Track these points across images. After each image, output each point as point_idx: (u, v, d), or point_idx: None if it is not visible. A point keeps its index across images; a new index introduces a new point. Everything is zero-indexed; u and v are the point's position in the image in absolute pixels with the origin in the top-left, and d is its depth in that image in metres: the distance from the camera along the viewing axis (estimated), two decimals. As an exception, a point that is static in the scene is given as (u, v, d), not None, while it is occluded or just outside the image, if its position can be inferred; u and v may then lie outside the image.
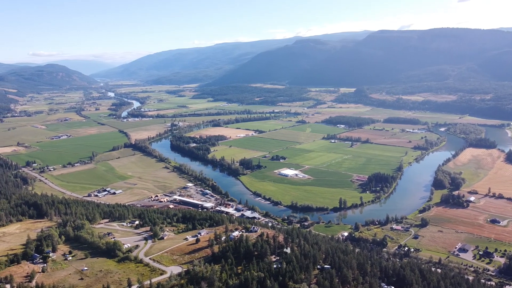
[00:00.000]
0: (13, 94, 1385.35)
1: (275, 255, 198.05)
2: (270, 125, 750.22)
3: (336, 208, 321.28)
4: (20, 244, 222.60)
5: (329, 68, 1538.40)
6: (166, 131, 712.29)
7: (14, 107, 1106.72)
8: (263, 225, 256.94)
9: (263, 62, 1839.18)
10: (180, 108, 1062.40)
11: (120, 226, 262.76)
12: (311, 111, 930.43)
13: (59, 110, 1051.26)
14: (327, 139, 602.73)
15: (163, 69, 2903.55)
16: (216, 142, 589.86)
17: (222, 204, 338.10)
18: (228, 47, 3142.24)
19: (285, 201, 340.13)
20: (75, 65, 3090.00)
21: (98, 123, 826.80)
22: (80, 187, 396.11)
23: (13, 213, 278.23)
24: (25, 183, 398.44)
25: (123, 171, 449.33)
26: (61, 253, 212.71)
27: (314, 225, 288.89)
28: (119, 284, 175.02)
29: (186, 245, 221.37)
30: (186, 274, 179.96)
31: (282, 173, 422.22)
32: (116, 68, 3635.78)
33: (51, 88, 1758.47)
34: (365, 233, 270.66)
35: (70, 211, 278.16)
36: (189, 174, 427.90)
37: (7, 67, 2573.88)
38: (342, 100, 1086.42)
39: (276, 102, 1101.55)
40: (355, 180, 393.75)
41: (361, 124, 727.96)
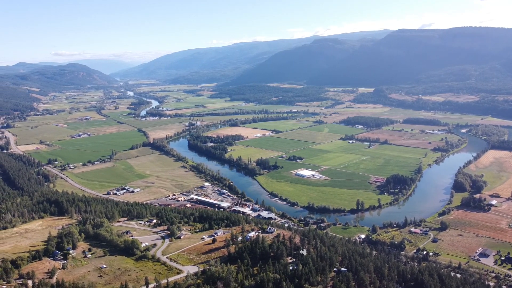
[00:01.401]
0: (36, 93, 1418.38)
1: (291, 256, 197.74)
2: (287, 125, 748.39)
3: (353, 210, 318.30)
4: (42, 240, 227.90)
5: (348, 68, 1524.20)
6: (184, 130, 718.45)
7: (37, 106, 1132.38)
8: (279, 226, 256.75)
9: (280, 62, 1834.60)
10: (197, 107, 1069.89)
11: (138, 225, 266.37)
12: (329, 111, 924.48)
13: (80, 109, 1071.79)
14: (345, 140, 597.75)
15: (181, 68, 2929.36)
16: (233, 141, 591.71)
17: (239, 204, 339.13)
18: (245, 47, 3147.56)
19: (301, 202, 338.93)
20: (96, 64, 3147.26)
21: (117, 122, 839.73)
22: (100, 185, 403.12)
23: (35, 210, 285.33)
24: (47, 181, 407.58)
25: (142, 170, 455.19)
26: (81, 250, 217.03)
27: (330, 226, 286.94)
28: (137, 282, 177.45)
29: (202, 244, 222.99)
30: (203, 274, 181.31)
31: (299, 173, 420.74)
32: (136, 68, 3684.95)
33: (72, 87, 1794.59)
34: (383, 235, 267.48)
35: (90, 209, 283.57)
36: (206, 173, 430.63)
37: (30, 67, 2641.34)
38: (361, 100, 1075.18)
39: (294, 102, 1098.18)
40: (373, 181, 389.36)
41: (380, 124, 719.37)
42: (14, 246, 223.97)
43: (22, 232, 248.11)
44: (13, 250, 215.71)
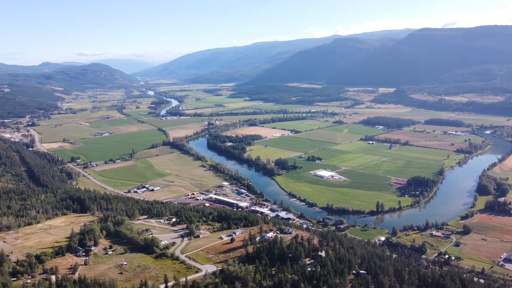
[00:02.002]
0: (60, 92, 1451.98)
1: (310, 258, 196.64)
2: (307, 125, 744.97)
3: (373, 212, 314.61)
4: (65, 237, 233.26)
5: (368, 68, 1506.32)
6: (203, 130, 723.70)
7: (60, 105, 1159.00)
8: (297, 227, 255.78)
9: (300, 61, 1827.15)
10: (217, 107, 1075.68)
11: (157, 223, 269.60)
12: (348, 112, 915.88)
13: (102, 108, 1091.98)
14: (365, 141, 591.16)
15: (201, 68, 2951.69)
16: (252, 141, 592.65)
17: (257, 204, 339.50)
18: (265, 46, 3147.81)
19: (320, 203, 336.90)
20: (117, 64, 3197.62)
21: (138, 121, 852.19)
22: (121, 183, 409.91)
23: (58, 207, 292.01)
24: (70, 178, 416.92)
25: (161, 169, 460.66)
26: (102, 247, 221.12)
27: (349, 228, 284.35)
28: (156, 280, 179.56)
29: (221, 244, 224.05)
30: (221, 273, 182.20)
31: (318, 174, 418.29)
32: (156, 67, 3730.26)
33: (94, 87, 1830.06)
34: (403, 238, 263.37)
35: (111, 206, 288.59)
36: (225, 173, 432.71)
37: (55, 66, 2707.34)
38: (381, 101, 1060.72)
39: (313, 102, 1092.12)
40: (393, 183, 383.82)
41: (401, 125, 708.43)
42: (38, 241, 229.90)
43: (46, 228, 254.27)
44: (37, 246, 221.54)
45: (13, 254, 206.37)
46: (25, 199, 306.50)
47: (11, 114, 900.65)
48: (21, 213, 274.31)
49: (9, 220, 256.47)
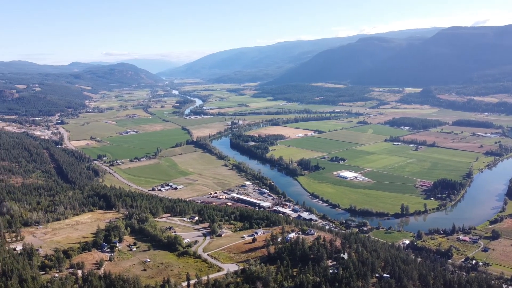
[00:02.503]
0: (88, 91, 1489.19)
1: (332, 259, 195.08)
2: (330, 125, 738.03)
3: (397, 214, 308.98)
4: (91, 233, 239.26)
5: (394, 67, 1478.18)
6: (226, 129, 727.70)
7: (88, 104, 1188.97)
8: (320, 228, 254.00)
9: (324, 61, 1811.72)
10: (240, 106, 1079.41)
11: (180, 221, 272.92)
12: (373, 112, 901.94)
13: (127, 107, 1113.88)
14: (390, 141, 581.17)
15: (224, 67, 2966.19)
16: (275, 141, 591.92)
17: (279, 204, 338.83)
18: (289, 46, 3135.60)
19: (343, 204, 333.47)
20: (143, 64, 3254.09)
21: (163, 120, 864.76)
22: (145, 181, 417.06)
23: (85, 203, 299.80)
24: (96, 175, 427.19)
25: (185, 167, 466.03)
26: (126, 243, 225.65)
27: (373, 230, 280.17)
28: (179, 277, 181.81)
29: (242, 243, 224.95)
30: (242, 273, 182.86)
31: (341, 175, 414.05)
32: (181, 67, 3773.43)
33: (121, 86, 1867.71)
34: (429, 242, 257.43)
35: (136, 204, 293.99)
36: (248, 172, 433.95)
37: (83, 66, 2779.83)
38: (407, 101, 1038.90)
39: (337, 102, 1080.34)
40: (419, 185, 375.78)
41: (427, 126, 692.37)
42: (66, 237, 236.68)
43: (73, 224, 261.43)
44: (65, 241, 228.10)
45: (42, 249, 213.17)
46: (54, 195, 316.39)
47: (41, 113, 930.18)
48: (50, 208, 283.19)
49: (39, 215, 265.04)
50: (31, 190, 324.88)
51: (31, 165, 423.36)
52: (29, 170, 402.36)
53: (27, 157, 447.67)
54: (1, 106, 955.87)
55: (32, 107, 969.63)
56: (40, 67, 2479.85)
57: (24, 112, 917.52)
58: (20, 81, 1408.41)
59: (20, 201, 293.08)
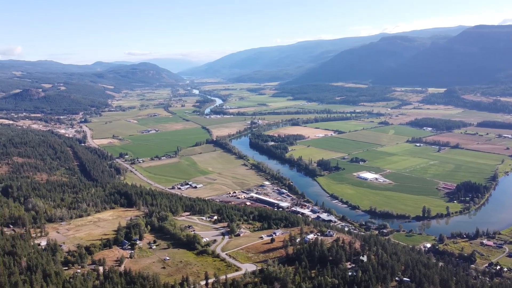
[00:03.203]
0: (111, 90, 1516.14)
1: (351, 262, 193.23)
2: (351, 125, 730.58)
3: (418, 217, 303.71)
4: (112, 230, 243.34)
5: (417, 67, 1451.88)
6: (246, 129, 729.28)
7: (111, 102, 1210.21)
8: (339, 230, 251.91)
9: (345, 60, 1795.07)
10: (260, 106, 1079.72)
11: (199, 220, 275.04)
12: (395, 112, 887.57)
13: (149, 106, 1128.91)
14: (412, 143, 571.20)
15: (244, 67, 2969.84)
16: (294, 141, 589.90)
17: (298, 204, 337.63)
18: (309, 45, 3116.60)
19: (363, 206, 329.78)
20: (164, 63, 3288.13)
21: (183, 119, 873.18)
22: (165, 179, 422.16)
23: (107, 201, 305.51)
24: (118, 173, 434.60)
25: (204, 166, 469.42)
26: (146, 241, 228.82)
27: (393, 233, 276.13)
28: (197, 276, 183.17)
29: (261, 243, 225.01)
30: (260, 273, 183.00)
31: (361, 176, 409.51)
32: (201, 66, 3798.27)
33: (142, 85, 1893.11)
34: (451, 246, 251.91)
35: (156, 202, 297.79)
36: (267, 172, 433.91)
37: (106, 66, 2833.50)
38: (430, 101, 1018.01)
39: (358, 102, 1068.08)
40: (441, 188, 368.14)
41: (451, 127, 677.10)
42: (88, 233, 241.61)
43: (95, 221, 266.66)
44: (87, 237, 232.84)
45: (65, 245, 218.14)
46: (77, 192, 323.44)
47: (66, 111, 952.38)
48: (73, 205, 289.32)
49: (62, 212, 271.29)
50: (55, 187, 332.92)
51: (55, 162, 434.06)
52: (54, 167, 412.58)
53: (52, 154, 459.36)
54: (28, 105, 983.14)
55: (57, 106, 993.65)
56: (65, 67, 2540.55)
57: (49, 111, 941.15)
58: (46, 80, 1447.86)
59: (45, 197, 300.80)
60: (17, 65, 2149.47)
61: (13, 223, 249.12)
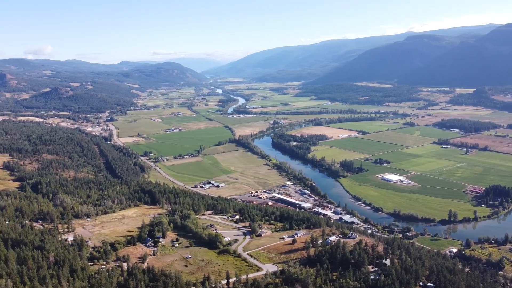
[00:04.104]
0: (136, 89, 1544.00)
1: (373, 265, 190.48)
2: (375, 126, 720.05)
3: (444, 221, 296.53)
4: (136, 227, 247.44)
5: (444, 66, 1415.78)
6: (268, 128, 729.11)
7: (136, 101, 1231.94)
8: (361, 232, 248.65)
9: (370, 60, 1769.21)
10: (282, 105, 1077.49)
11: (221, 219, 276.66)
12: (421, 113, 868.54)
13: (173, 105, 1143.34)
14: (438, 144, 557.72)
15: (268, 66, 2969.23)
16: (317, 141, 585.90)
17: (320, 205, 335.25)
18: (333, 44, 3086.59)
19: (387, 208, 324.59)
20: (188, 62, 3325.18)
21: (206, 118, 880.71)
22: (188, 178, 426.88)
23: (131, 198, 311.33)
24: (142, 171, 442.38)
25: (227, 166, 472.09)
26: (169, 239, 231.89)
27: (418, 236, 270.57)
28: (218, 275, 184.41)
29: (282, 244, 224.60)
30: (281, 274, 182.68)
31: (385, 177, 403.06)
32: (225, 66, 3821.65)
33: (167, 84, 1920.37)
34: (478, 251, 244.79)
35: (179, 200, 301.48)
36: (289, 172, 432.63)
37: (132, 65, 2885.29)
38: (458, 102, 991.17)
39: (383, 102, 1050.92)
40: (468, 191, 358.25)
41: (480, 129, 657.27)
42: (113, 230, 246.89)
43: (120, 218, 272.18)
44: (112, 234, 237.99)
45: (91, 241, 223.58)
46: (102, 190, 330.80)
47: (93, 110, 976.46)
48: (99, 202, 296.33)
49: (89, 209, 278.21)
50: (82, 184, 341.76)
51: (82, 159, 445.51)
52: (81, 165, 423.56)
53: (79, 152, 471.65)
54: (57, 103, 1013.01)
55: (84, 104, 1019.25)
56: (93, 66, 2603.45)
57: (77, 109, 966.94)
58: (74, 79, 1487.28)
59: (72, 194, 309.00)
60: (47, 64, 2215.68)
61: (42, 218, 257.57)
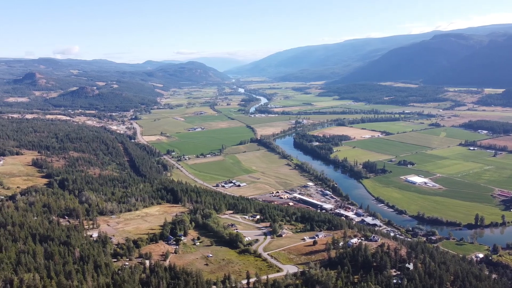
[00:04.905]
0: (160, 89, 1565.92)
1: (396, 269, 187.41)
2: (399, 126, 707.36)
3: (470, 225, 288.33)
4: (158, 225, 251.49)
5: (472, 66, 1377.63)
6: (290, 128, 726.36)
7: (159, 100, 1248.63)
8: (384, 234, 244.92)
9: (395, 59, 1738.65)
10: (305, 105, 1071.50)
11: (242, 219, 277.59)
12: (447, 114, 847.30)
13: (195, 104, 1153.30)
14: (465, 146, 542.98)
15: (290, 66, 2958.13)
16: (339, 142, 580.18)
17: (342, 207, 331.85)
18: (357, 43, 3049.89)
19: (410, 211, 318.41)
20: (211, 62, 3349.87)
21: (228, 118, 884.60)
22: (210, 177, 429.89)
23: (154, 196, 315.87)
24: (165, 170, 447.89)
25: (248, 165, 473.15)
26: (190, 238, 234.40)
27: (442, 241, 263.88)
28: (239, 275, 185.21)
29: (303, 245, 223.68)
30: (302, 275, 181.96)
31: (409, 179, 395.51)
32: (247, 65, 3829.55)
33: (190, 84, 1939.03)
34: (506, 257, 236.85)
35: (200, 199, 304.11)
36: (310, 173, 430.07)
37: (156, 64, 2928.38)
38: (486, 102, 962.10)
39: (407, 102, 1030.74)
40: (496, 195, 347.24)
41: (509, 130, 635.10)
42: (136, 227, 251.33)
43: (143, 216, 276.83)
44: (135, 231, 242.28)
45: (115, 237, 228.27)
46: (126, 187, 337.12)
47: (118, 108, 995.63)
48: (123, 199, 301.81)
49: (113, 206, 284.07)
50: (107, 181, 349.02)
51: (107, 157, 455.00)
52: (106, 162, 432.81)
53: (104, 150, 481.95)
54: (83, 102, 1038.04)
55: (109, 103, 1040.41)
56: (118, 65, 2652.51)
57: (102, 108, 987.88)
58: (100, 78, 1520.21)
59: (97, 191, 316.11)
60: (75, 64, 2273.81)
61: (68, 214, 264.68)
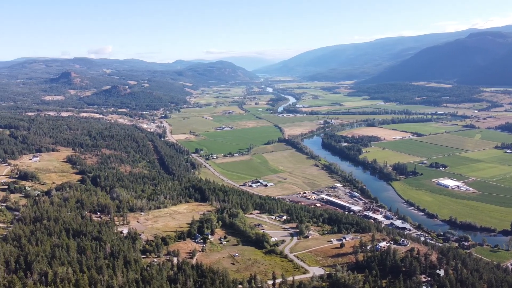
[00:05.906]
0: (189, 88, 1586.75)
1: (426, 275, 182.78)
2: (431, 128, 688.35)
3: (506, 231, 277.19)
4: (186, 223, 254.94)
5: (510, 65, 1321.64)
6: (318, 128, 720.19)
7: (189, 99, 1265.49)
8: (413, 239, 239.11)
9: (428, 58, 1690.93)
10: (333, 105, 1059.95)
11: (269, 219, 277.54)
12: (482, 115, 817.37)
13: (224, 103, 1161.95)
14: (502, 149, 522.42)
15: (319, 65, 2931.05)
16: (369, 142, 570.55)
17: (370, 209, 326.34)
18: (388, 42, 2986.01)
19: (442, 215, 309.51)
20: (240, 61, 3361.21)
21: (256, 117, 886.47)
22: (237, 176, 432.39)
23: (182, 195, 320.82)
24: (193, 168, 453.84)
25: (275, 165, 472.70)
26: (217, 236, 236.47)
27: (476, 247, 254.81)
28: (265, 275, 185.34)
29: (330, 247, 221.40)
30: (328, 278, 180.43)
31: (441, 183, 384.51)
32: (276, 65, 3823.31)
33: (219, 83, 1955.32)
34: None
35: (228, 198, 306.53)
36: (338, 174, 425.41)
37: (185, 64, 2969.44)
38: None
39: (440, 103, 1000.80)
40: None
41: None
42: (164, 224, 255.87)
43: (171, 213, 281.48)
44: (163, 228, 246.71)
45: (144, 234, 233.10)
46: (155, 185, 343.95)
47: (148, 107, 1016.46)
48: (152, 197, 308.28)
49: (142, 203, 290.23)
50: (137, 178, 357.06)
51: (138, 155, 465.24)
52: (136, 160, 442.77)
53: (135, 148, 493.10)
54: (116, 100, 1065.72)
55: (140, 102, 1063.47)
56: (149, 65, 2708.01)
57: (134, 106, 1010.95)
58: (132, 77, 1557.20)
59: (128, 188, 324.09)
60: (108, 63, 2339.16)
61: (100, 210, 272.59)
